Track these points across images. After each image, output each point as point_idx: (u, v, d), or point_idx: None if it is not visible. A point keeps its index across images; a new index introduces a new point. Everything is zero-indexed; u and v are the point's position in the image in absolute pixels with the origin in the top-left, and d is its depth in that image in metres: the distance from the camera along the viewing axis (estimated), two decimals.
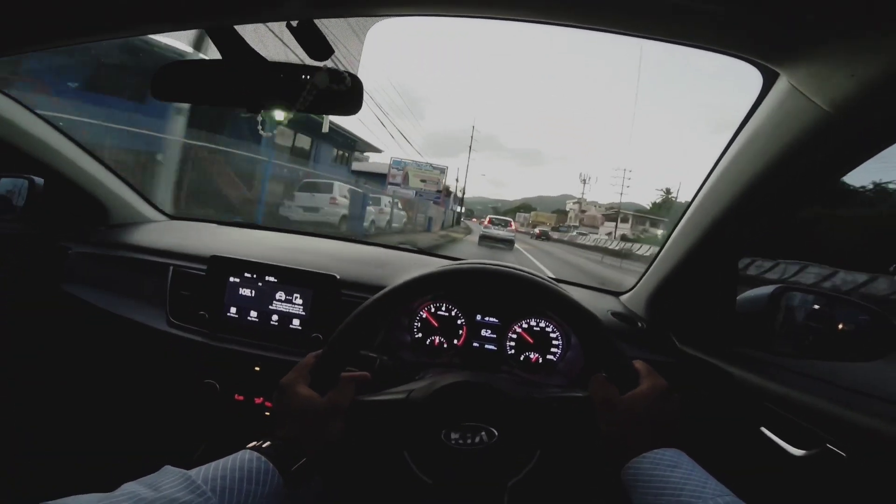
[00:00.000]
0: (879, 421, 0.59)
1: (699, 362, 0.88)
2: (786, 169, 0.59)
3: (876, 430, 0.59)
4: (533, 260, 13.82)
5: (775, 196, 0.65)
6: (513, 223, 19.46)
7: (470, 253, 11.90)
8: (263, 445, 0.54)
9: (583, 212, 69.04)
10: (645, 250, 20.63)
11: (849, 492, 0.62)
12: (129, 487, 0.43)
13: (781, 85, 0.55)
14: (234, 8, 0.51)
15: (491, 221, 19.29)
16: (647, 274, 0.99)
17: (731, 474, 0.80)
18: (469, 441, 0.65)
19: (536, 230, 48.62)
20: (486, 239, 17.38)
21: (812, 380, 0.76)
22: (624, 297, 1.12)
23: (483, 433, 0.66)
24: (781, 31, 0.46)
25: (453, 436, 0.65)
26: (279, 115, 0.69)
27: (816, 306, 0.89)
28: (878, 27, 0.40)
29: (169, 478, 0.45)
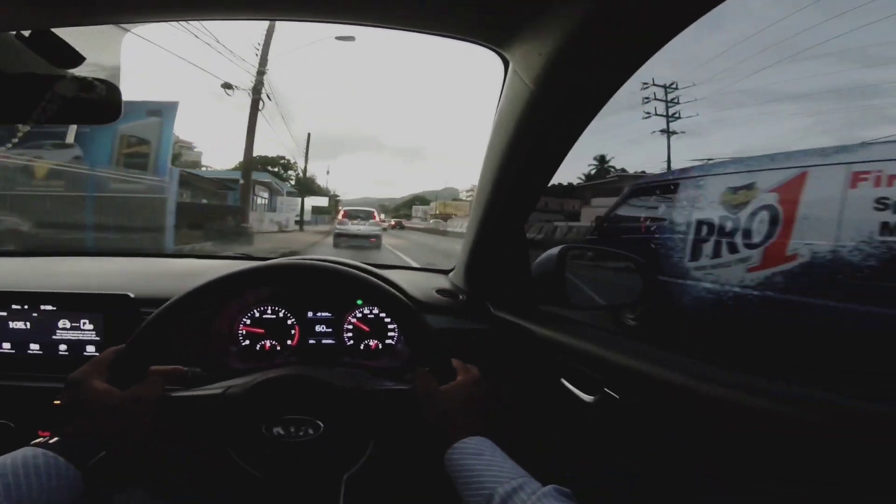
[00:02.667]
0: (643, 363, 0.65)
1: (509, 325, 0.97)
2: (523, 145, 0.68)
3: (640, 371, 0.64)
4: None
5: (526, 170, 0.74)
6: (376, 214, 14.27)
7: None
8: (50, 442, 0.51)
9: None
10: None
11: (624, 429, 0.68)
12: None
13: (510, 69, 0.62)
14: None
15: (346, 215, 13.90)
16: (461, 249, 1.07)
17: (546, 425, 0.89)
18: (294, 434, 0.65)
19: (392, 221, 40.84)
20: (342, 238, 12.84)
21: (595, 329, 0.85)
22: (451, 274, 1.20)
23: (309, 426, 0.65)
24: (494, 14, 0.52)
25: (276, 430, 0.64)
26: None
27: (595, 261, 1.05)
28: (545, 13, 0.47)
29: None
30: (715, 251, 3.76)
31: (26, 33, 0.52)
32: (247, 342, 0.95)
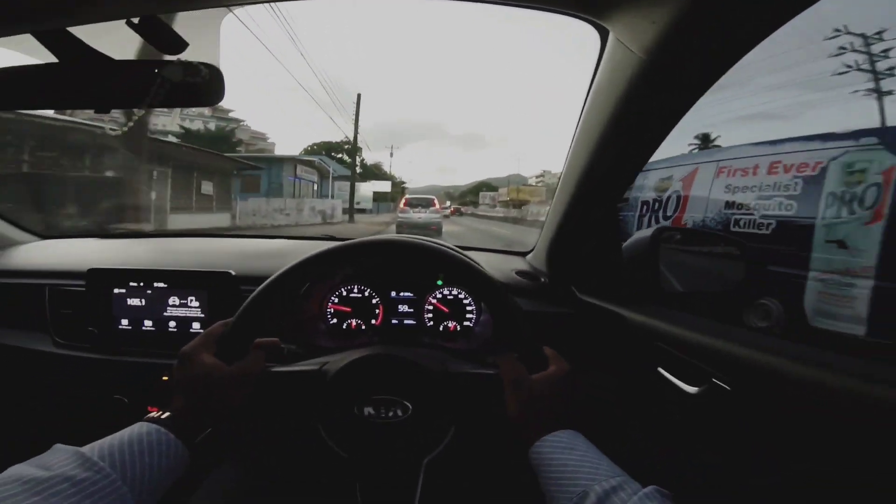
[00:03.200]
0: (754, 352, 0.60)
1: (597, 309, 0.93)
2: (626, 118, 0.63)
3: (753, 361, 0.60)
4: None
5: (626, 146, 0.69)
6: (436, 202, 14.00)
7: None
8: (162, 417, 0.52)
9: None
10: None
11: (736, 422, 0.63)
12: (16, 470, 0.40)
13: (611, 39, 0.58)
14: (58, 11, 0.49)
15: (408, 203, 14.01)
16: (543, 230, 1.03)
17: (641, 419, 0.85)
18: (383, 415, 0.65)
19: (452, 208, 41.12)
20: (405, 228, 12.87)
21: (695, 316, 0.79)
22: (529, 256, 1.16)
23: (398, 408, 0.66)
24: None
25: (367, 410, 0.65)
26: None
27: (693, 244, 0.97)
28: None
29: (59, 456, 0.43)
30: (648, 223, 5.68)
31: (136, 20, 0.53)
32: (334, 320, 0.97)
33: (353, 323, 0.97)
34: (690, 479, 0.70)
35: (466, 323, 0.99)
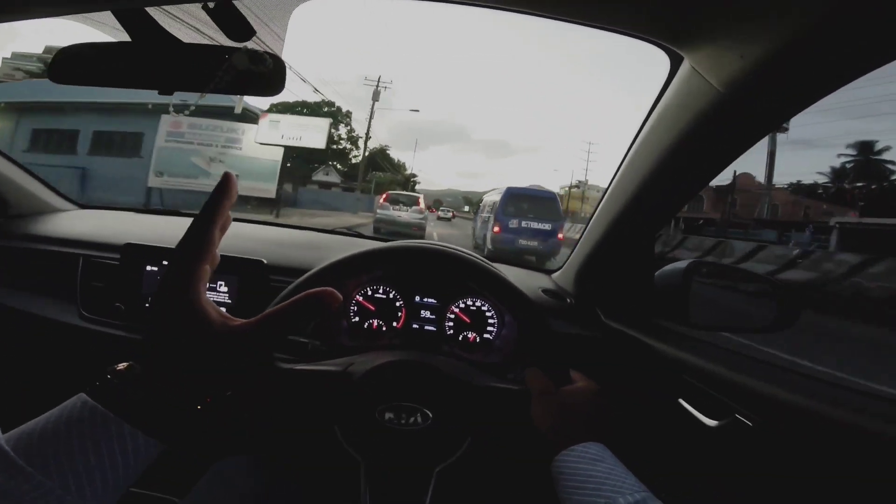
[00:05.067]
0: (780, 390, 0.60)
1: (622, 335, 0.92)
2: (688, 148, 0.62)
3: (777, 398, 0.59)
4: None
5: (682, 175, 0.68)
6: (420, 201, 12.60)
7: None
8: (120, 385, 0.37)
9: None
10: None
11: (756, 460, 0.62)
12: None
13: (684, 67, 0.58)
14: None
15: (389, 198, 12.43)
16: (574, 251, 1.02)
17: (655, 448, 0.84)
18: (403, 421, 0.65)
19: (452, 212, 42.11)
20: (383, 224, 11.59)
21: (723, 350, 0.79)
22: (555, 275, 1.16)
23: (418, 415, 0.66)
24: (681, 14, 0.48)
25: (388, 415, 0.65)
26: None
27: (726, 280, 0.95)
28: (764, 13, 0.43)
29: None
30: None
31: (211, 4, 0.53)
32: (356, 319, 0.97)
33: (375, 323, 0.97)
34: None
35: (486, 335, 0.98)
